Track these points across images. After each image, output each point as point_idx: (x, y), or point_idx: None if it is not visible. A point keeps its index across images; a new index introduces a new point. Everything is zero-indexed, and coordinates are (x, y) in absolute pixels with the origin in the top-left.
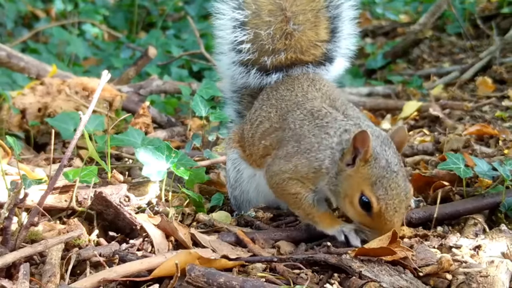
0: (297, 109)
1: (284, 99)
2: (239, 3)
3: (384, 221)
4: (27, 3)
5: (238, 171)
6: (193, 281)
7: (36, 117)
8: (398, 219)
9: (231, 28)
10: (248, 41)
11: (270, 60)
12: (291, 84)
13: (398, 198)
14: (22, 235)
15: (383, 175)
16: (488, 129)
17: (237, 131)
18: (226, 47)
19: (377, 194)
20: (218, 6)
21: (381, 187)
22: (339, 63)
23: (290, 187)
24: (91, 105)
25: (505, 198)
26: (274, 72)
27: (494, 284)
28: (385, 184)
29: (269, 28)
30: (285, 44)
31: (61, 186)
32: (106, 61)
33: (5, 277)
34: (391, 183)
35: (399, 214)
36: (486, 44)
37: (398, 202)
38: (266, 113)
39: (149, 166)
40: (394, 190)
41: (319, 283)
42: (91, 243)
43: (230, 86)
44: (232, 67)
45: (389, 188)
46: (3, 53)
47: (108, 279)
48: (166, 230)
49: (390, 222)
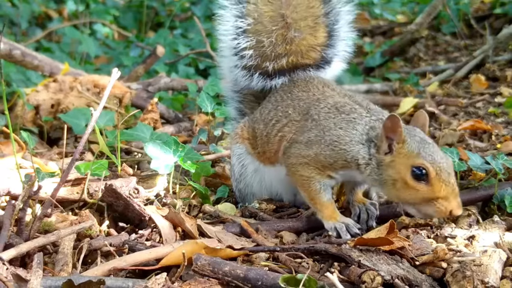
0: (320, 103)
1: (301, 99)
2: (242, 11)
3: (442, 184)
4: (40, 4)
5: (243, 166)
6: (199, 269)
7: (49, 113)
8: (454, 180)
9: (233, 35)
10: (250, 47)
11: (272, 65)
12: (306, 86)
13: (446, 161)
14: (36, 226)
15: (423, 145)
16: (481, 124)
17: (245, 128)
18: (229, 51)
19: (428, 159)
20: (222, 13)
21: (428, 154)
22: (336, 64)
23: (304, 171)
24: (102, 102)
25: (497, 190)
26: (277, 76)
27: (487, 272)
28: (430, 151)
29: (270, 34)
30: (286, 49)
31: (73, 179)
32: (116, 60)
33: (19, 266)
34: (434, 150)
35: (453, 177)
36: (479, 43)
37: (447, 165)
38: (283, 112)
39: (157, 160)
40: (439, 154)
41: (319, 271)
42: (102, 233)
43: (232, 86)
44: (234, 70)
45: (435, 153)
46: (18, 52)
47: (118, 268)
48: (173, 221)
49: (449, 183)
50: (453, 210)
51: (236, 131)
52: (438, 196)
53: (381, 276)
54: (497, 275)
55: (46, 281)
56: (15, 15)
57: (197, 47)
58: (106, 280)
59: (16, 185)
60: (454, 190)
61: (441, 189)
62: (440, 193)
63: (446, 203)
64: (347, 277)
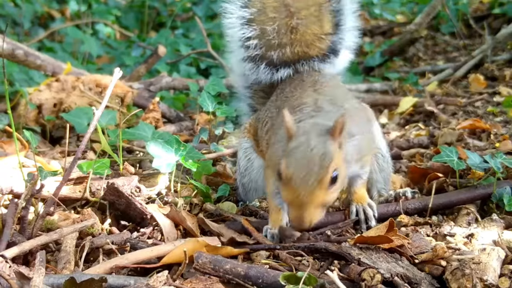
0: (291, 103)
1: (286, 99)
2: (245, 1)
3: (291, 190)
4: (43, 4)
5: (249, 160)
6: (201, 267)
7: (51, 112)
8: (304, 191)
9: (239, 26)
10: (255, 37)
11: (277, 54)
12: (296, 85)
13: (307, 169)
14: (38, 224)
15: (297, 147)
16: (480, 123)
17: (253, 124)
18: (235, 44)
19: (287, 161)
20: (226, 6)
21: (292, 156)
22: (344, 55)
23: (266, 172)
24: (104, 101)
25: (496, 189)
26: (282, 67)
27: (486, 270)
28: (297, 154)
29: (274, 23)
30: (291, 38)
31: (76, 178)
32: (118, 59)
33: (22, 264)
34: (303, 155)
35: (307, 185)
36: (478, 43)
37: (307, 172)
38: (271, 113)
39: (159, 159)
40: (304, 160)
41: (320, 269)
42: (103, 231)
43: (242, 82)
44: (242, 63)
45: (300, 159)
46: (21, 52)
47: (120, 266)
48: (175, 219)
49: (296, 192)
50: (292, 219)
51: (245, 126)
52: (287, 200)
53: (381, 274)
54: (496, 273)
55: (48, 279)
56: (18, 15)
57: (198, 47)
58: (108, 278)
59: (19, 184)
60: (296, 199)
61: (289, 194)
62: (287, 198)
63: (291, 210)
64: (347, 275)
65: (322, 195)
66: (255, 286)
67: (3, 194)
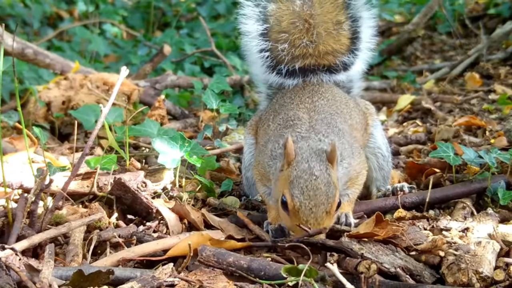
0: (284, 113)
1: (284, 107)
2: (262, 14)
3: (299, 220)
4: (52, 5)
5: (253, 155)
6: (205, 260)
7: (60, 110)
8: (313, 220)
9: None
10: (268, 50)
11: (286, 68)
12: (296, 93)
13: (315, 200)
14: (47, 218)
15: (300, 175)
16: (476, 120)
17: (256, 122)
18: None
19: (293, 192)
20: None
21: (297, 187)
22: (356, 67)
23: (255, 176)
24: (111, 98)
25: (491, 183)
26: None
27: (482, 263)
28: (302, 184)
29: (288, 38)
30: (304, 51)
31: (84, 173)
32: (124, 58)
33: (32, 257)
34: (308, 184)
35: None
36: (474, 42)
37: (315, 203)
38: (269, 115)
39: (165, 155)
40: (311, 191)
41: (319, 262)
42: (111, 225)
43: (263, 80)
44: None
45: (305, 189)
46: (30, 51)
47: (127, 259)
48: (180, 213)
49: (306, 222)
50: (296, 233)
51: (251, 122)
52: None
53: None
54: (491, 265)
55: (57, 271)
56: (28, 16)
57: (203, 46)
58: (115, 270)
59: (29, 179)
60: (304, 224)
61: (295, 221)
62: (295, 224)
63: (298, 229)
64: (344, 269)
65: (328, 220)
66: (257, 278)
67: (13, 189)
